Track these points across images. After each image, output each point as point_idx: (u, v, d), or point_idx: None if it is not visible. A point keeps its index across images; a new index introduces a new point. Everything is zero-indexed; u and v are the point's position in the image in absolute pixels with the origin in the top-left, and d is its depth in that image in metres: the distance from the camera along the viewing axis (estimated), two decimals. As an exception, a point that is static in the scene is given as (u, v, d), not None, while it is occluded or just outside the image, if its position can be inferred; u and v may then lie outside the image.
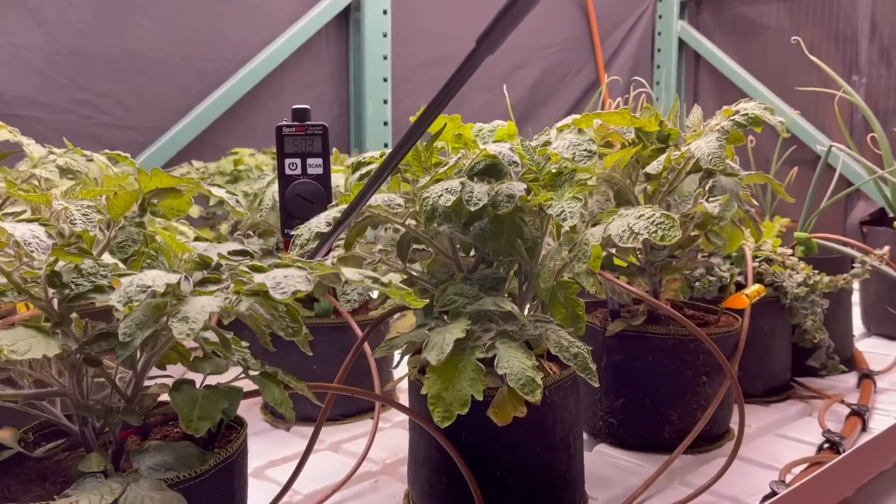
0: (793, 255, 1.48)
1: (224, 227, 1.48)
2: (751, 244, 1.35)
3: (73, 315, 0.66)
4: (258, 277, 0.57)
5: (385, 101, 2.32)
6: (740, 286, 1.26)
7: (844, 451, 1.04)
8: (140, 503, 0.58)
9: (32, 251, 0.57)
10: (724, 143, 0.98)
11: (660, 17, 3.16)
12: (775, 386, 1.35)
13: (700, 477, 1.02)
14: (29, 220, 0.61)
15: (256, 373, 0.67)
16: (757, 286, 1.12)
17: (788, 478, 0.96)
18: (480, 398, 0.69)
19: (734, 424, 1.20)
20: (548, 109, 2.86)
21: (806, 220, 1.54)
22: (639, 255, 1.10)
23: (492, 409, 0.76)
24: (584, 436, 1.17)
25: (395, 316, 1.23)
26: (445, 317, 0.78)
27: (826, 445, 1.06)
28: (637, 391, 1.11)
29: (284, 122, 0.85)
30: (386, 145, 2.35)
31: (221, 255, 0.67)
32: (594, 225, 0.77)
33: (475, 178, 0.78)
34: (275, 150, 1.83)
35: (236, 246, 0.71)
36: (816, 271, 1.36)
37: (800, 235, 1.46)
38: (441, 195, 0.71)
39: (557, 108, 2.88)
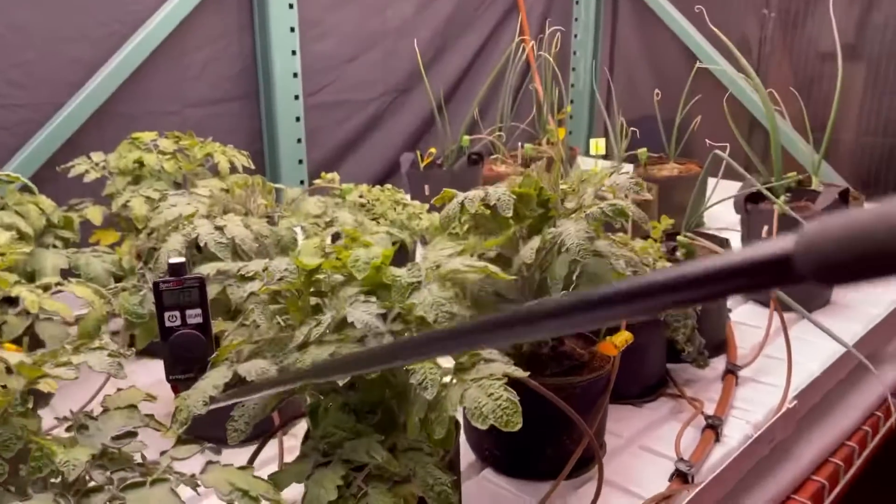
0: (669, 260, 1.58)
1: (125, 249, 1.49)
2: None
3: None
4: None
5: (293, 53, 2.25)
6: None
7: (693, 481, 1.20)
8: None
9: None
10: (593, 231, 1.05)
11: (581, -68, 3.06)
12: (649, 385, 1.50)
13: (567, 513, 1.17)
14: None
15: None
16: (625, 335, 1.23)
17: (639, 519, 1.11)
18: (352, 548, 0.79)
19: (608, 437, 1.36)
20: (464, 40, 2.80)
21: (690, 218, 1.63)
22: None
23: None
24: (473, 459, 1.30)
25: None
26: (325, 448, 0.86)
27: (676, 474, 1.21)
28: (517, 431, 1.23)
29: (161, 279, 0.88)
30: (297, 97, 2.30)
31: (103, 455, 0.73)
32: (458, 370, 0.85)
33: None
34: (178, 134, 1.80)
35: (122, 426, 0.76)
36: (692, 282, 1.47)
37: (682, 240, 1.56)
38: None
39: (475, 37, 2.82)
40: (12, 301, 1.27)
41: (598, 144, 2.35)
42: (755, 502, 1.34)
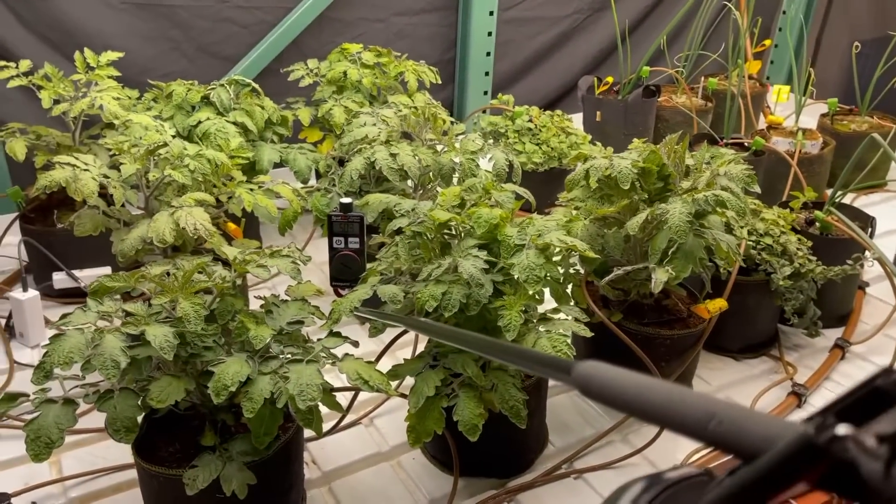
0: (802, 232, 1.64)
1: (326, 148, 1.81)
2: (760, 225, 1.54)
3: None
4: (291, 380, 0.95)
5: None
6: (730, 275, 1.50)
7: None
8: (231, 479, 1.03)
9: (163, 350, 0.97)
10: (692, 216, 1.19)
11: None
12: (753, 344, 1.63)
13: (641, 437, 1.38)
14: (164, 323, 1.00)
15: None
16: (720, 303, 1.37)
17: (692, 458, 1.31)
18: (440, 432, 1.07)
19: (697, 382, 1.53)
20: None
21: (835, 194, 1.67)
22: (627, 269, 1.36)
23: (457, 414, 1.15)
24: (572, 377, 1.53)
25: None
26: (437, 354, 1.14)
27: (744, 429, 1.38)
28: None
29: (333, 212, 1.16)
30: (491, 13, 2.46)
31: (280, 333, 1.05)
32: (541, 319, 1.08)
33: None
34: (379, 49, 2.06)
35: (295, 315, 1.08)
36: (815, 258, 1.54)
37: (819, 215, 1.62)
38: (427, 301, 1.03)
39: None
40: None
41: (781, 92, 2.33)
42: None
